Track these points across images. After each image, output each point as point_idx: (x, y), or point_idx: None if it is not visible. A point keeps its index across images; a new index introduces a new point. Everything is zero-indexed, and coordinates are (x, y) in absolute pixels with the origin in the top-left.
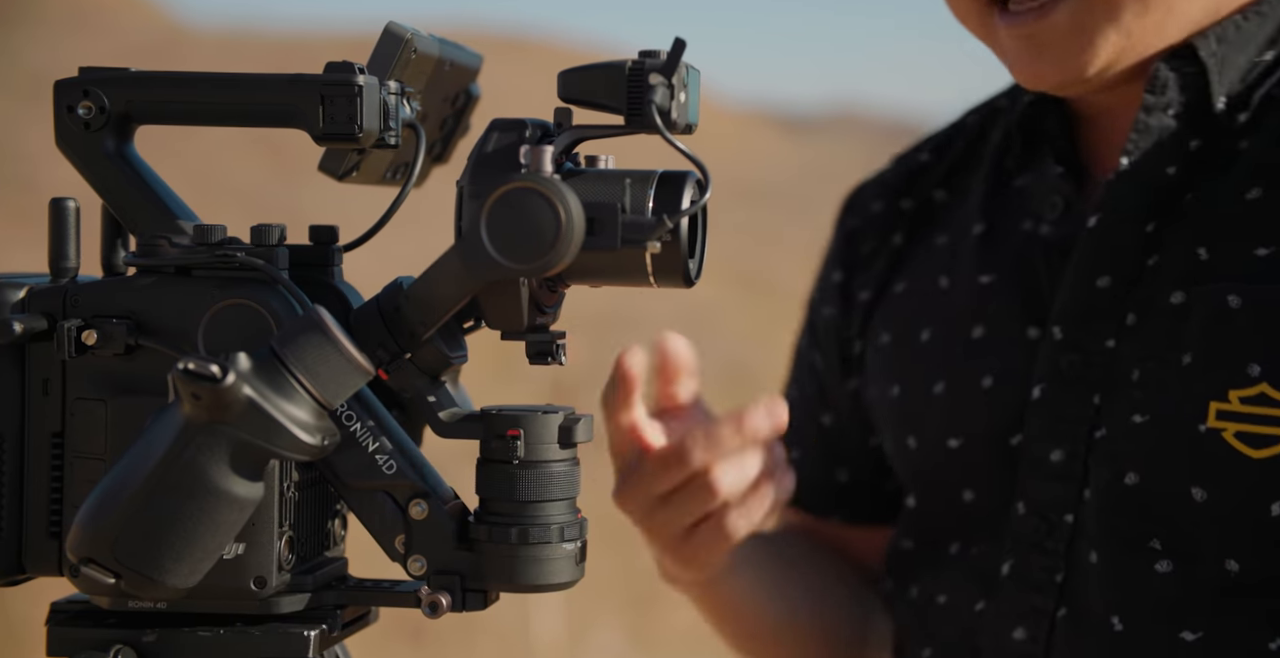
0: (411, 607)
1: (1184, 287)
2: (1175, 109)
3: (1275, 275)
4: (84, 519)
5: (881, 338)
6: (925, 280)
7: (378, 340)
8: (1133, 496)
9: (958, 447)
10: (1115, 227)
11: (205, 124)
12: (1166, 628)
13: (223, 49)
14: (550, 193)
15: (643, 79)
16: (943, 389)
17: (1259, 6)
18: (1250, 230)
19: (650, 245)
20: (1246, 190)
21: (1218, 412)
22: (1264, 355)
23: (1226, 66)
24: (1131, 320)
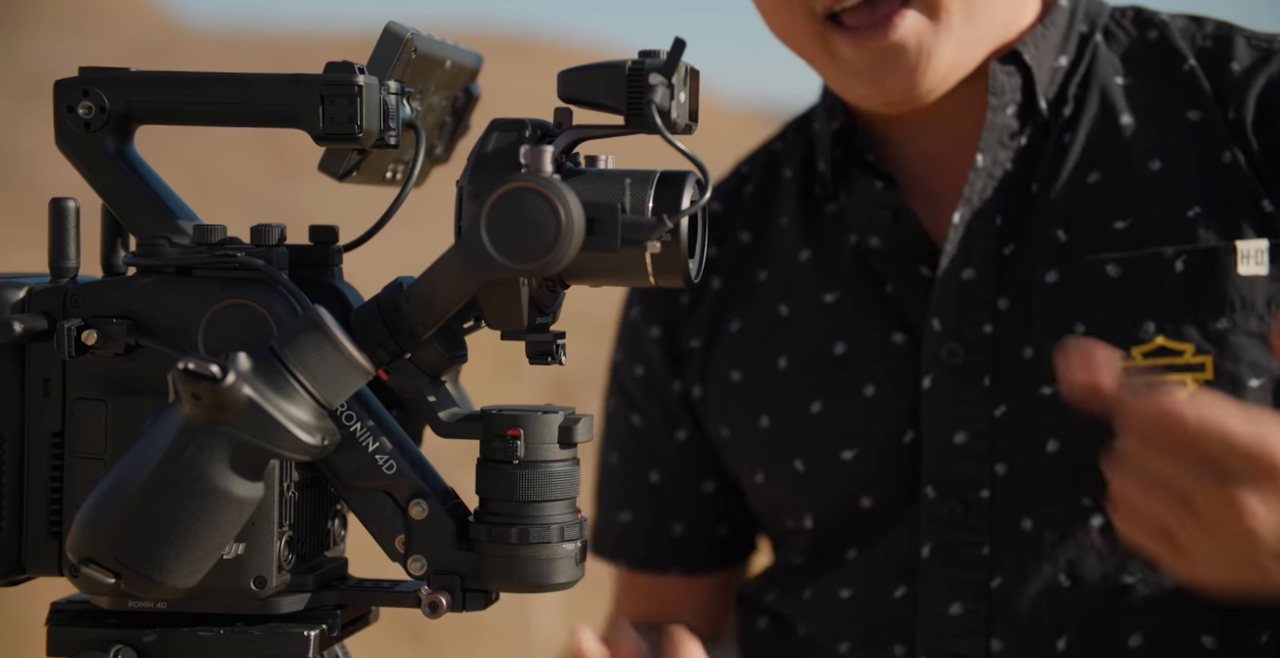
0: (411, 607)
1: (1055, 265)
2: (1012, 109)
3: (1139, 242)
4: (84, 519)
5: (731, 376)
6: (762, 313)
7: (378, 340)
8: (1057, 461)
9: (852, 457)
10: (972, 221)
11: (205, 124)
12: (1108, 576)
13: (223, 49)
14: (550, 193)
15: (642, 79)
16: (820, 408)
17: (1046, 20)
18: (1101, 208)
19: (650, 245)
20: (1086, 174)
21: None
22: (1155, 314)
23: (1041, 69)
24: (1004, 305)
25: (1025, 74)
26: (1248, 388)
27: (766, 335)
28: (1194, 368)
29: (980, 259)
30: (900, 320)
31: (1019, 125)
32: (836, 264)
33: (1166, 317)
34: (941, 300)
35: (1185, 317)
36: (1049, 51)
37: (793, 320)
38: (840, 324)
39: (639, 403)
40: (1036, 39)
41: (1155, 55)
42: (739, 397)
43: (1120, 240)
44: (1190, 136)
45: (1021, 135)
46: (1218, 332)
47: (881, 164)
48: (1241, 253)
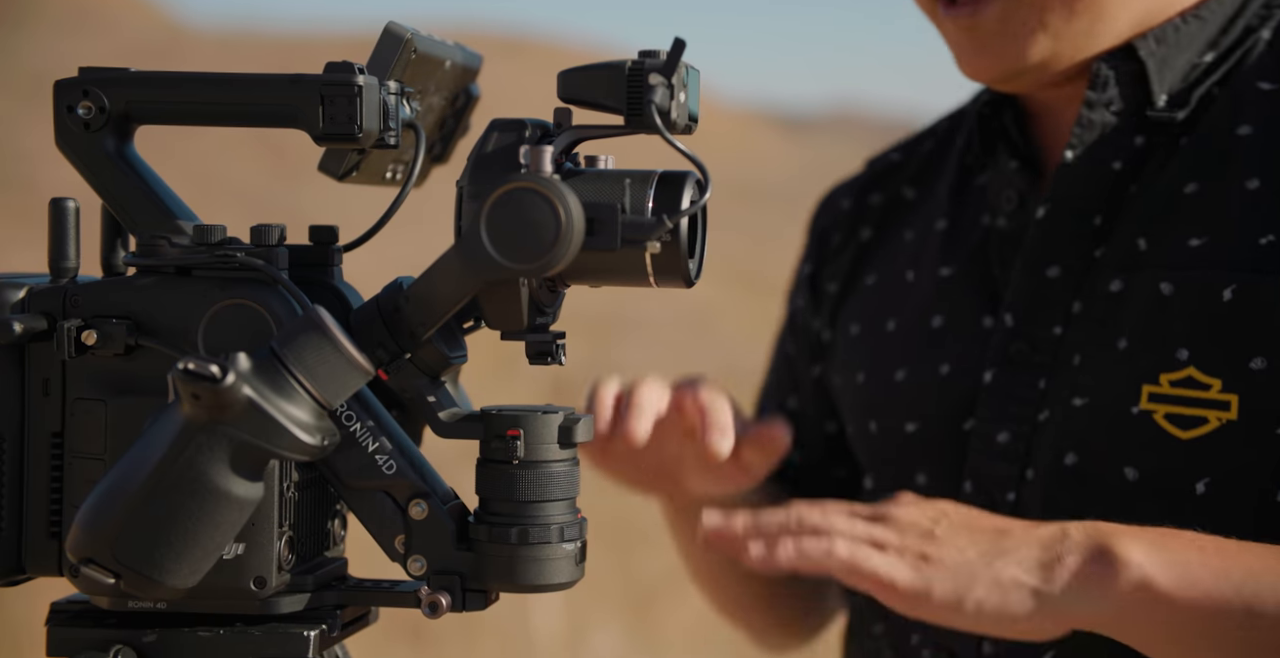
0: (411, 607)
1: (1122, 275)
2: (1117, 106)
3: (1203, 263)
4: (84, 519)
5: (851, 328)
6: (892, 273)
7: (378, 340)
8: (1071, 474)
9: (914, 431)
10: (1063, 219)
11: (205, 124)
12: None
13: (223, 49)
14: (550, 193)
15: (642, 79)
16: (904, 376)
17: (1199, 10)
18: (1185, 222)
19: (650, 245)
20: (1184, 184)
21: (1149, 394)
22: (1192, 340)
23: (1166, 66)
24: (1077, 309)
25: (1141, 69)
26: (1273, 435)
27: (888, 296)
28: (1218, 405)
29: (1069, 259)
30: (994, 307)
31: (1129, 123)
32: (964, 239)
33: (1202, 346)
34: (1016, 296)
35: (1220, 349)
36: (1187, 46)
37: (913, 287)
38: (945, 299)
39: (795, 333)
40: (1167, 32)
41: None
42: (851, 350)
43: (1188, 258)
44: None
45: (1138, 133)
46: (1251, 371)
47: (1023, 143)
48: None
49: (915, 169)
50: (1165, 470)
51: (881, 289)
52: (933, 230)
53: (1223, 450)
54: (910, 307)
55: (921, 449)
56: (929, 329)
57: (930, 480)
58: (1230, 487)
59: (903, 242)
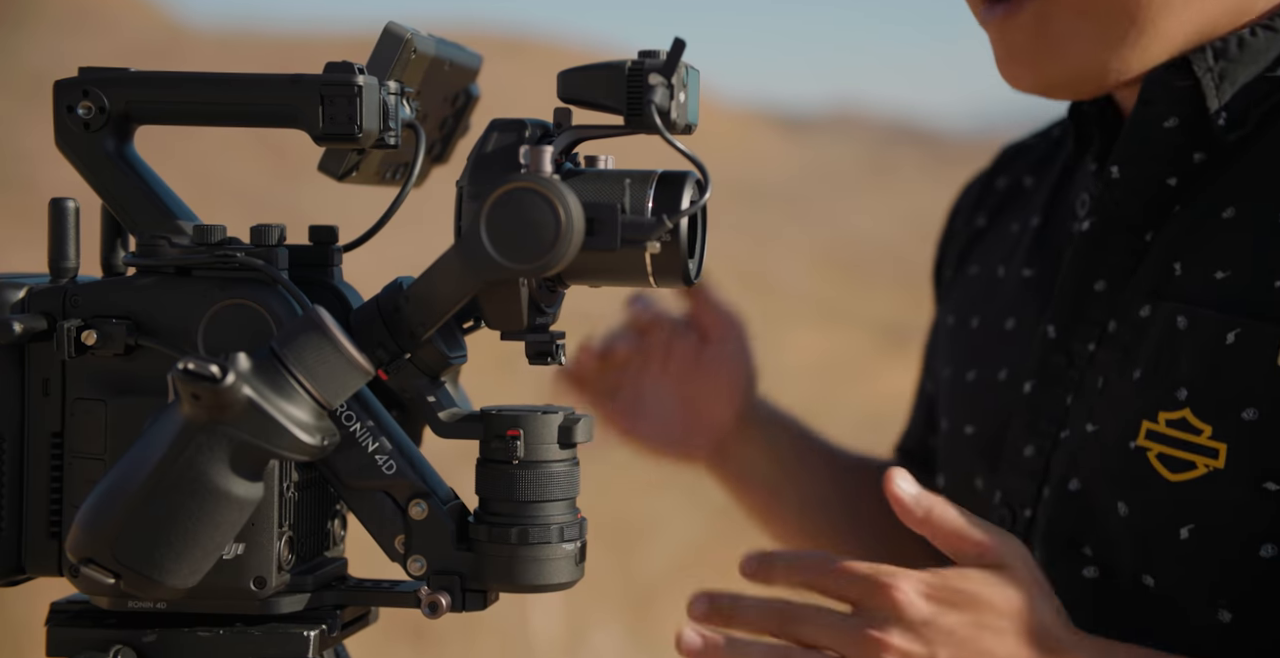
0: (411, 607)
1: (1151, 300)
2: (1172, 122)
3: (1222, 302)
4: (84, 519)
5: (948, 319)
6: (989, 267)
7: (378, 340)
8: (1074, 500)
9: (971, 434)
10: (1109, 232)
11: (205, 124)
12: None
13: (223, 49)
14: (550, 193)
15: (642, 79)
16: (973, 377)
17: (1273, 20)
18: (1215, 251)
19: (650, 245)
20: (1223, 209)
21: (1147, 431)
22: (1193, 381)
23: (1227, 82)
24: (1112, 328)
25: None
26: (1263, 490)
27: (981, 290)
28: (1208, 452)
29: (1113, 275)
30: None
31: (1191, 139)
32: (1051, 239)
33: (1200, 389)
34: (1060, 307)
35: (1215, 395)
36: (1254, 59)
37: (1000, 284)
38: (1020, 301)
39: None
40: (1230, 45)
41: None
42: (944, 340)
43: (1209, 293)
44: None
45: (1198, 150)
46: (1241, 421)
47: (1107, 145)
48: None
49: (1039, 155)
50: (1152, 511)
51: (978, 282)
52: (1029, 226)
53: (1208, 499)
54: (994, 305)
55: (975, 454)
56: (1001, 331)
57: (985, 486)
58: (1213, 537)
59: (1008, 233)
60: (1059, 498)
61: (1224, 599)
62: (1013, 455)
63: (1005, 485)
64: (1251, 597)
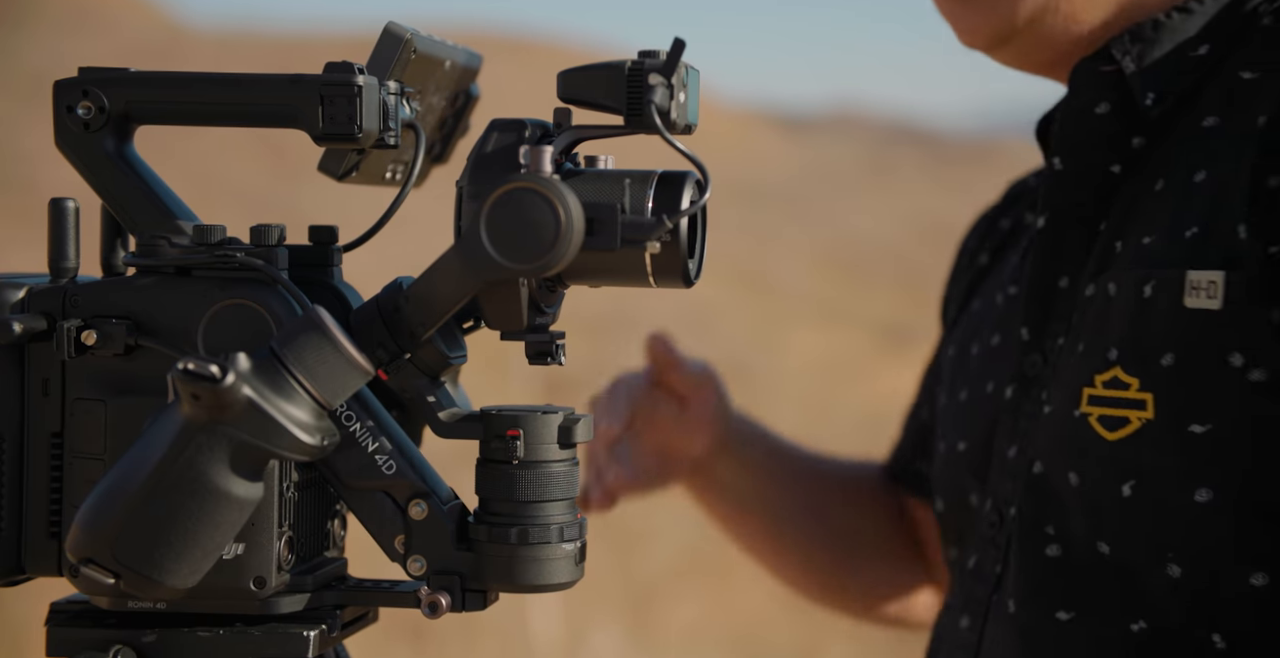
0: (411, 607)
1: (1095, 279)
2: (1103, 108)
3: (1144, 261)
4: (84, 519)
5: (949, 350)
6: (990, 296)
7: (378, 340)
8: (1037, 484)
9: (964, 450)
10: (1064, 227)
11: (205, 124)
12: (1046, 610)
13: (223, 49)
14: (550, 193)
15: (642, 79)
16: (965, 397)
17: (1188, 3)
18: (1146, 220)
19: (650, 245)
20: (1155, 182)
21: (1088, 397)
22: (1120, 340)
23: (1149, 63)
24: (1076, 318)
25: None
26: (1189, 434)
27: (980, 321)
28: (1137, 405)
29: (1073, 268)
30: None
31: (1126, 124)
32: None
33: (1127, 346)
34: (1029, 309)
35: (1138, 348)
36: (1171, 40)
37: (1000, 307)
38: (1004, 317)
39: None
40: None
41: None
42: (947, 372)
43: (1136, 257)
44: (1245, 145)
45: (1136, 134)
46: (1162, 368)
47: None
48: (1191, 283)
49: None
50: (1097, 473)
51: (979, 314)
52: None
53: (1143, 451)
54: (986, 328)
55: (967, 470)
56: (988, 347)
57: (978, 502)
58: (1152, 488)
59: (1008, 266)
60: (1028, 486)
61: (1170, 552)
62: (999, 460)
63: (995, 490)
64: (1194, 545)
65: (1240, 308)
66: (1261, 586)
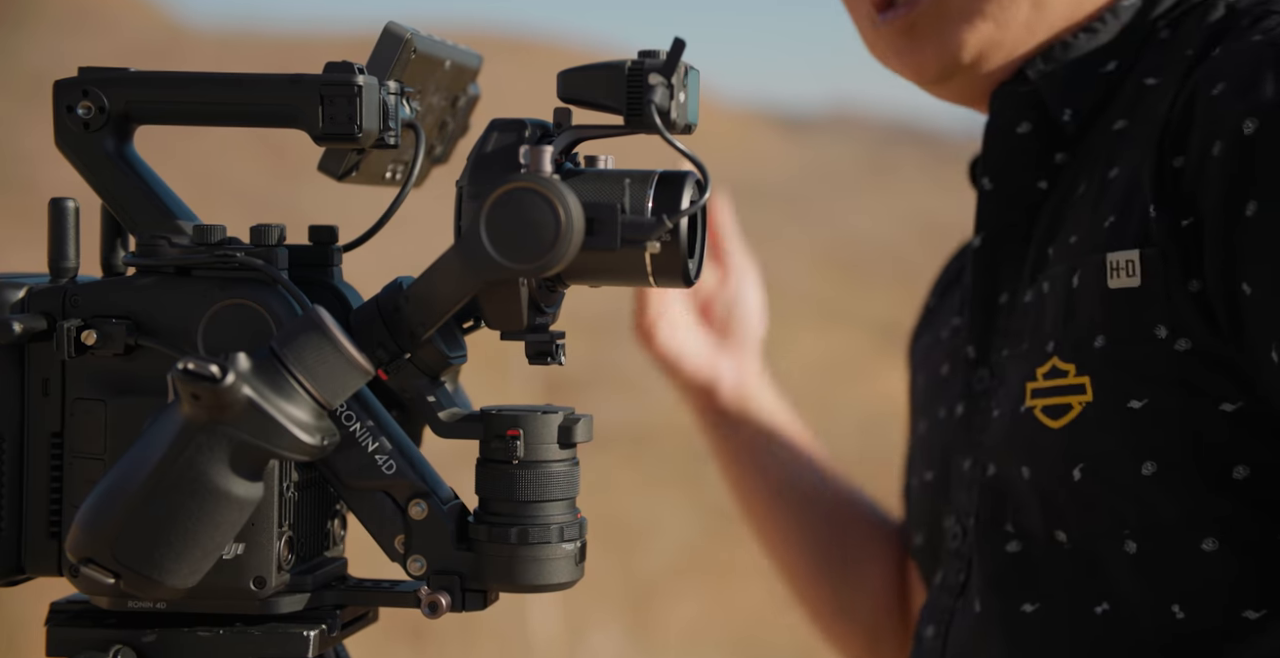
0: (411, 607)
1: (1032, 284)
2: (1024, 127)
3: (1072, 256)
4: (83, 519)
5: (918, 379)
6: (936, 333)
7: (378, 340)
8: (991, 484)
9: (931, 479)
10: (1000, 245)
11: (205, 124)
12: (1011, 603)
13: (223, 49)
14: (549, 193)
15: (642, 79)
16: (924, 428)
17: (1093, 23)
18: (1071, 222)
19: (650, 245)
20: (1075, 189)
21: (1031, 391)
22: (1056, 331)
23: (1062, 82)
24: (1015, 325)
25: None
26: (1128, 410)
27: (930, 349)
28: (1077, 389)
29: (1012, 283)
30: None
31: (1048, 141)
32: None
33: (1061, 335)
34: (973, 327)
35: (1071, 335)
36: (1081, 59)
37: (945, 340)
38: (952, 346)
39: None
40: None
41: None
42: (911, 399)
43: (1065, 256)
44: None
45: (1058, 150)
46: (1095, 350)
47: None
48: (1111, 265)
49: None
50: (1047, 463)
51: (927, 348)
52: None
53: (1088, 434)
54: (934, 360)
55: (937, 496)
56: (939, 376)
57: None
58: (1102, 469)
59: (952, 301)
60: (983, 490)
61: (1125, 529)
62: (956, 476)
63: (955, 504)
64: (1146, 518)
65: (1159, 282)
66: (1212, 551)
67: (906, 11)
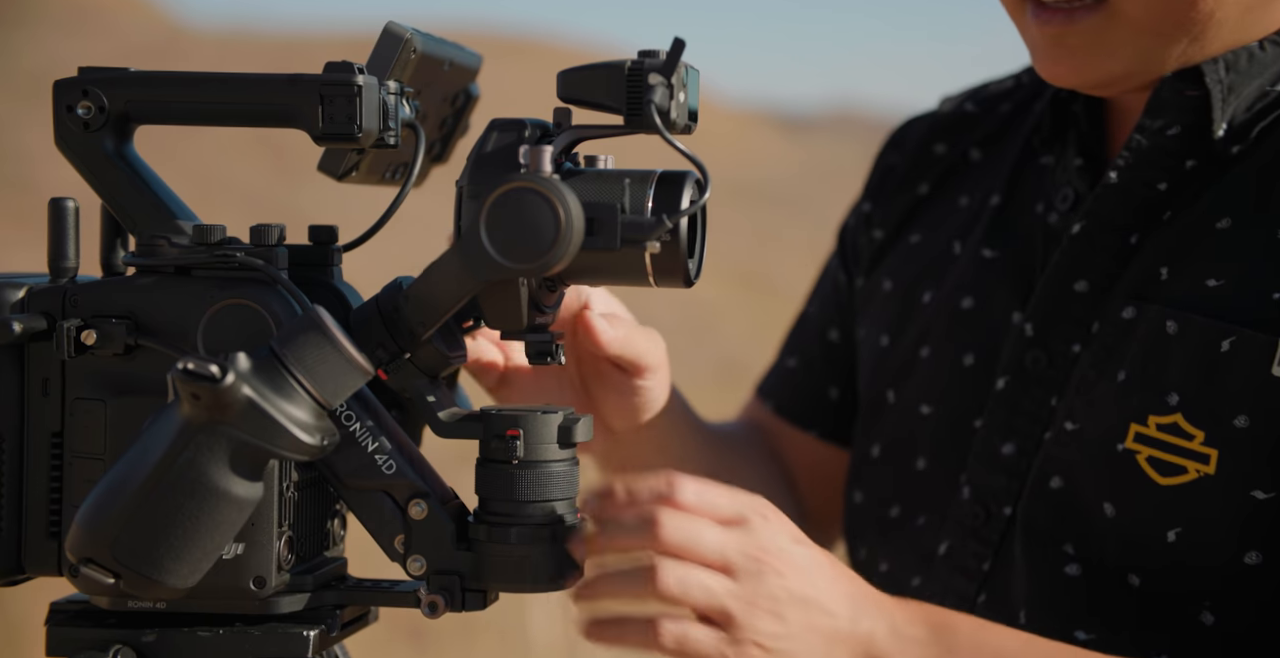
0: (411, 607)
1: (1136, 302)
2: (1175, 130)
3: (1214, 310)
4: (83, 519)
5: (884, 284)
6: (939, 240)
7: (378, 340)
8: (1055, 498)
9: (928, 414)
10: (1097, 235)
11: (205, 124)
12: (1064, 625)
13: (223, 49)
14: (550, 193)
15: (642, 79)
16: (929, 355)
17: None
18: (1208, 259)
19: (650, 245)
20: (1218, 219)
21: (1136, 434)
22: (1184, 386)
23: (1233, 94)
24: (1096, 328)
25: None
26: (1251, 498)
27: (929, 263)
28: (1199, 457)
29: (1097, 276)
30: (1025, 303)
31: (1186, 145)
32: (1014, 222)
33: (1192, 394)
34: (1040, 305)
35: (1208, 402)
36: (1259, 75)
37: (956, 261)
38: (981, 282)
39: (846, 260)
40: (1240, 59)
41: None
42: (879, 307)
43: (1199, 299)
44: None
45: (1190, 157)
46: (1234, 428)
47: (1093, 138)
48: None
49: (987, 131)
50: (1140, 513)
51: (924, 252)
52: (987, 205)
53: (1197, 503)
54: (949, 281)
55: (929, 435)
56: (958, 309)
57: (928, 468)
58: (1200, 540)
59: (956, 206)
60: (1039, 495)
61: (1208, 602)
62: (988, 452)
63: (978, 482)
64: (1234, 601)
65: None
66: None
67: (1064, 20)
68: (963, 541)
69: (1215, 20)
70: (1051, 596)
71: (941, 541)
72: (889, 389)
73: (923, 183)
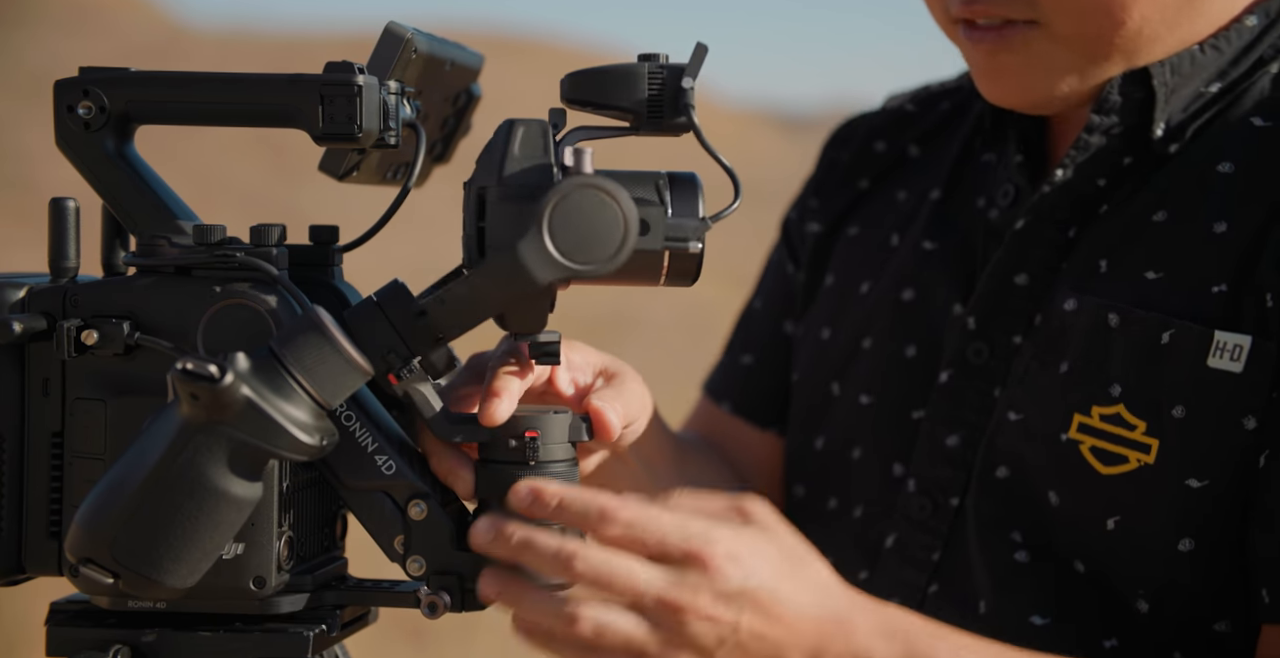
0: (411, 607)
1: (1076, 294)
2: (1118, 129)
3: (1155, 303)
4: (83, 519)
5: (826, 279)
6: (878, 233)
7: (388, 346)
8: (1002, 488)
9: (867, 404)
10: (1039, 230)
11: (205, 124)
12: (1021, 611)
13: (223, 49)
14: (615, 193)
15: (663, 82)
16: (870, 346)
17: (1216, 40)
18: (1146, 253)
19: (692, 245)
20: (1154, 212)
21: (1079, 424)
22: (1126, 378)
23: (1175, 95)
24: (1038, 320)
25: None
26: (1186, 487)
27: (868, 255)
28: (1140, 447)
29: (1037, 269)
30: (968, 295)
31: (1124, 143)
32: (954, 216)
33: (1134, 386)
34: (982, 298)
35: (1149, 392)
36: (1197, 77)
37: (894, 253)
38: (921, 274)
39: (793, 252)
40: (1183, 62)
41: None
42: (823, 301)
43: (1139, 292)
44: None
45: (1127, 154)
46: (1172, 418)
47: (1035, 136)
48: (1216, 344)
49: (926, 128)
50: (1083, 502)
51: (863, 245)
52: (926, 198)
53: (1136, 492)
54: (887, 273)
55: (869, 425)
56: (898, 300)
57: (864, 456)
58: (1137, 529)
59: (895, 201)
60: (986, 486)
61: (1142, 589)
62: (933, 445)
63: (924, 475)
64: (1168, 588)
65: (1264, 376)
66: (1223, 632)
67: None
68: (910, 533)
69: (1144, 36)
70: (1006, 583)
71: (886, 533)
72: (833, 381)
73: (863, 178)
